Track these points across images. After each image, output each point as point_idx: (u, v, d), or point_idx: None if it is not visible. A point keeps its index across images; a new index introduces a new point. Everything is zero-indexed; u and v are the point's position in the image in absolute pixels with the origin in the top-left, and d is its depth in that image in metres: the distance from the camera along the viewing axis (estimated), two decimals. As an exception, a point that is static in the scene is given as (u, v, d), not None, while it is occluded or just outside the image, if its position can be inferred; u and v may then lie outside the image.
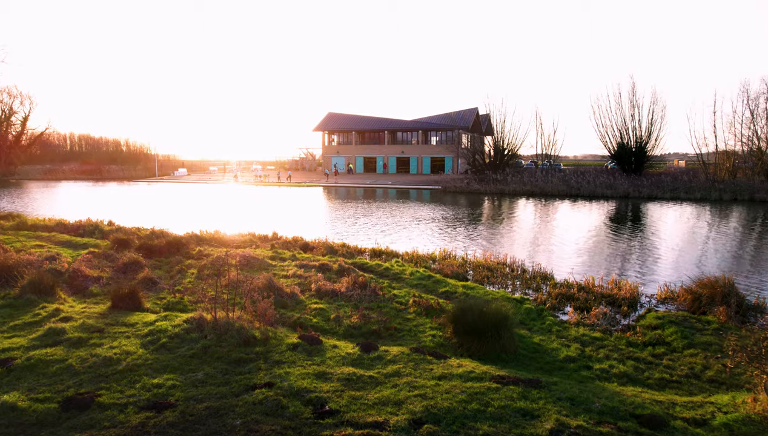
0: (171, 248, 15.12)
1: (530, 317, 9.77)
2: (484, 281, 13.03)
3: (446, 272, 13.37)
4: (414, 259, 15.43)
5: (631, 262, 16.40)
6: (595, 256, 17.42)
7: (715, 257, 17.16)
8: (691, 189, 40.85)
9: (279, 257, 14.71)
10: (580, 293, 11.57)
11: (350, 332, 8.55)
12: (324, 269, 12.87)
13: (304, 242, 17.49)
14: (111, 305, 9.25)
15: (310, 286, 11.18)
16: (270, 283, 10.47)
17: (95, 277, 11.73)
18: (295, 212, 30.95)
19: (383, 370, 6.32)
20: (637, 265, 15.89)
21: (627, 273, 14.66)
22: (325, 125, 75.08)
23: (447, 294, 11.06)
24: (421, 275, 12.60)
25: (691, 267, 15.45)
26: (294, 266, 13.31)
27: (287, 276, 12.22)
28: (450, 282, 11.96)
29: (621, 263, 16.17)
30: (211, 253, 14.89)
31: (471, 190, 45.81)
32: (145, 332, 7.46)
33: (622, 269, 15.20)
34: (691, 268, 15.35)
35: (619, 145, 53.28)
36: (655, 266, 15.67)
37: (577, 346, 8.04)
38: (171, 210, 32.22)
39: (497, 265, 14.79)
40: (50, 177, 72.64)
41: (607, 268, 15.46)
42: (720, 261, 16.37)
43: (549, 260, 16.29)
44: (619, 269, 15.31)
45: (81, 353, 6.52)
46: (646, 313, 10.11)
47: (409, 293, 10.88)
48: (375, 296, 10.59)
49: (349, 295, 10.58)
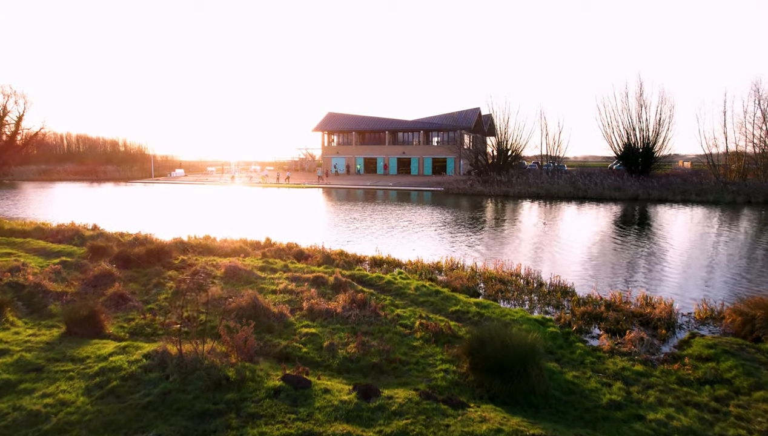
0: (151, 257, 13.74)
1: (557, 344, 8.39)
2: (498, 296, 11.65)
3: (455, 286, 12.00)
4: (418, 269, 14.06)
5: (655, 272, 15.00)
6: (614, 266, 16.03)
7: (753, 269, 15.75)
8: (703, 191, 39.44)
9: (270, 267, 13.34)
10: (609, 311, 10.19)
11: (346, 365, 7.18)
12: (318, 283, 11.49)
13: (298, 250, 16.11)
14: (65, 330, 7.89)
15: (302, 304, 9.80)
16: (255, 302, 9.09)
17: (58, 292, 10.35)
18: (291, 215, 29.57)
19: (387, 428, 4.95)
20: (663, 276, 14.50)
21: (652, 285, 13.27)
22: (325, 125, 73.70)
23: (458, 314, 9.67)
24: (427, 289, 11.22)
25: (726, 280, 14.06)
26: (285, 278, 11.94)
27: (276, 291, 10.84)
28: (460, 299, 10.58)
29: (645, 274, 14.78)
30: (195, 262, 13.52)
31: (474, 192, 44.39)
32: (95, 370, 6.09)
33: (647, 282, 13.81)
34: (726, 281, 13.96)
35: (625, 146, 51.82)
36: (683, 278, 14.28)
37: (620, 386, 6.65)
38: (162, 212, 30.85)
39: (510, 276, 13.41)
40: (45, 178, 71.32)
41: (628, 279, 14.08)
42: (758, 276, 14.93)
43: (565, 270, 14.91)
44: (644, 281, 13.92)
45: (1, 406, 5.15)
46: (689, 338, 8.73)
47: (415, 313, 9.50)
48: (376, 316, 9.21)
49: (345, 316, 9.20)
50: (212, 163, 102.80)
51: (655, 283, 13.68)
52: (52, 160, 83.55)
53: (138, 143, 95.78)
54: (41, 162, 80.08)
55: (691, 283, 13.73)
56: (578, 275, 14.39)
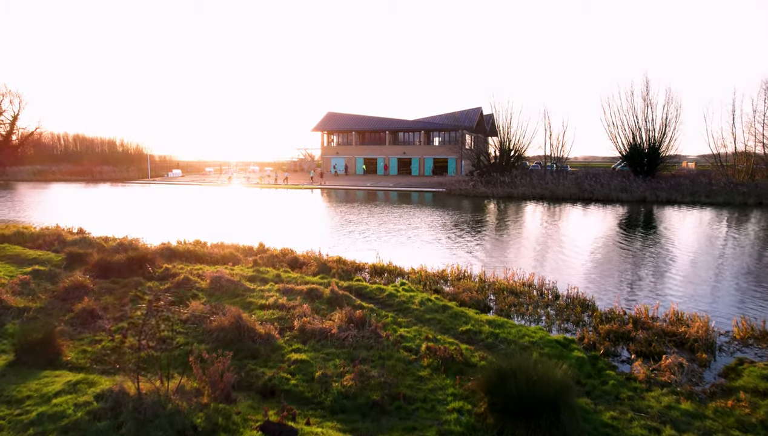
0: (132, 266, 12.63)
1: (584, 371, 7.28)
2: (511, 311, 10.54)
3: (463, 299, 10.89)
4: (422, 278, 12.96)
5: (678, 281, 13.87)
6: (632, 273, 14.91)
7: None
8: (713, 193, 38.32)
9: (260, 276, 12.23)
10: (637, 329, 9.09)
11: (341, 402, 6.06)
12: (313, 297, 10.37)
13: (293, 257, 15.01)
14: (13, 358, 6.78)
15: (293, 322, 8.69)
16: (238, 322, 7.98)
17: (20, 308, 9.24)
18: (288, 218, 28.44)
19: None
20: (689, 286, 13.37)
21: (677, 296, 12.15)
22: (325, 125, 72.57)
23: (470, 335, 8.56)
24: (433, 304, 10.10)
25: (761, 292, 12.93)
26: (276, 290, 10.82)
27: (266, 306, 9.73)
28: (470, 315, 9.46)
29: (668, 284, 13.65)
30: (179, 272, 12.40)
31: (477, 193, 43.25)
32: (32, 417, 4.98)
33: (672, 293, 12.69)
34: (761, 293, 12.84)
35: (631, 147, 50.70)
36: (711, 289, 13.16)
37: (670, 433, 5.53)
38: (155, 215, 29.72)
39: (523, 287, 12.31)
40: (40, 178, 70.19)
41: (651, 289, 12.96)
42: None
43: (580, 278, 13.81)
44: (669, 292, 12.80)
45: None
46: (736, 365, 7.62)
47: (420, 333, 8.39)
48: (376, 338, 8.10)
49: (342, 337, 8.08)
50: (211, 163, 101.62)
51: (680, 294, 12.55)
52: (49, 160, 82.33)
53: (136, 143, 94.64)
54: (37, 162, 78.99)
55: (721, 294, 12.60)
56: (595, 284, 13.27)
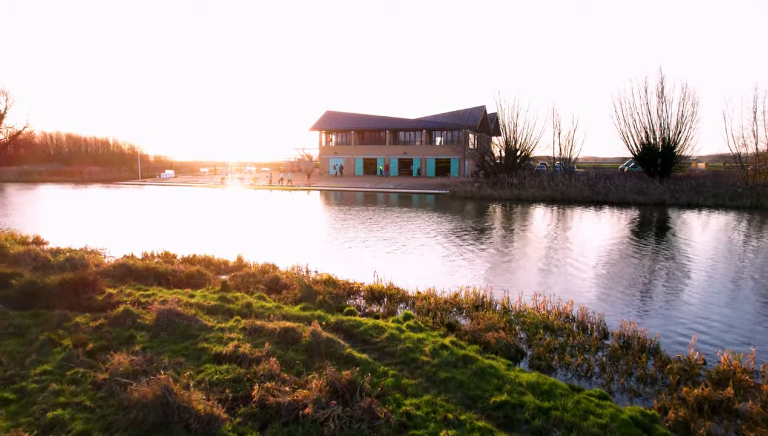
0: (65, 291, 10.03)
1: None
2: (553, 360, 7.90)
3: (487, 340, 8.27)
4: (431, 307, 10.31)
5: (749, 309, 11.24)
6: (699, 300, 12.26)
7: None
8: (737, 195, 35.64)
9: (226, 307, 9.60)
10: (738, 394, 6.48)
11: None
12: (287, 341, 7.74)
13: (273, 276, 12.37)
14: None
15: (252, 388, 6.07)
16: (165, 398, 5.35)
17: None
18: (278, 223, 25.74)
19: None
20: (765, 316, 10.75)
21: (755, 333, 9.52)
22: (323, 124, 69.89)
23: (507, 411, 5.91)
24: (450, 353, 7.46)
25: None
26: (241, 330, 8.20)
27: (221, 357, 7.11)
28: (503, 373, 6.82)
29: (740, 316, 11.01)
30: (123, 300, 9.77)
31: (483, 195, 40.58)
32: None
33: (747, 327, 10.05)
34: None
35: (643, 146, 48.05)
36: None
37: None
38: (132, 219, 27.00)
39: (557, 320, 9.70)
40: (26, 179, 67.48)
41: (726, 323, 10.31)
42: None
43: (623, 305, 11.18)
44: (744, 326, 10.16)
45: None
46: None
47: (436, 410, 5.76)
48: (371, 419, 5.47)
49: (320, 418, 5.45)
50: (207, 163, 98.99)
51: (755, 326, 9.92)
52: (39, 160, 79.68)
53: (129, 143, 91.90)
54: (28, 162, 76.40)
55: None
56: (648, 315, 10.61)
